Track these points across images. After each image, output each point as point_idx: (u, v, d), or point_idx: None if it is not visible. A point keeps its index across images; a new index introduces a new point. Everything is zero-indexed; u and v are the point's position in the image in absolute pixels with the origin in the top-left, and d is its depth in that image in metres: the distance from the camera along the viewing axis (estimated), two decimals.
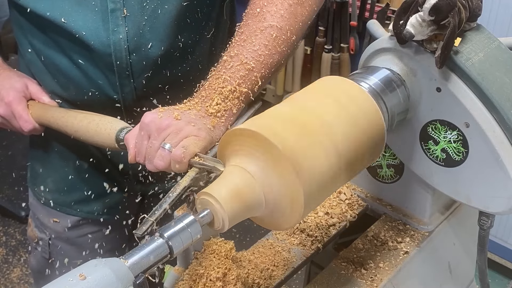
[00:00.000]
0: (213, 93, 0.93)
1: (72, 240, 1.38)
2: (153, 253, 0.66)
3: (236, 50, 0.96)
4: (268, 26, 0.97)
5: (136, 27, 1.07)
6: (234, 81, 0.94)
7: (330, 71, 2.61)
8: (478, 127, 0.84)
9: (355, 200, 1.12)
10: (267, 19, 0.98)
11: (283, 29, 0.98)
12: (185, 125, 0.88)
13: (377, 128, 0.81)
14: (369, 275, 0.96)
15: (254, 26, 0.98)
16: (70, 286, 0.59)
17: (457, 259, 1.16)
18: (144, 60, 1.10)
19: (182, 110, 0.92)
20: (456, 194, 0.94)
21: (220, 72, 0.95)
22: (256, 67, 0.95)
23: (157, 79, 1.14)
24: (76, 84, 1.15)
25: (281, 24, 0.98)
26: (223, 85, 0.94)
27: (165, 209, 0.79)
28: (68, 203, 1.34)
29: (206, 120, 0.92)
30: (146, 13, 1.07)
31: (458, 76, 0.84)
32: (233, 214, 0.70)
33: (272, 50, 0.97)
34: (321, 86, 0.84)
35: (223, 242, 0.80)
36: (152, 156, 0.89)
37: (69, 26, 1.07)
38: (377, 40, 0.94)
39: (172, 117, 0.89)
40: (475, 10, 0.84)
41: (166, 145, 0.87)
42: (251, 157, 0.71)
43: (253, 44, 0.96)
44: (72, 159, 1.29)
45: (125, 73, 1.11)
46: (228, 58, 0.96)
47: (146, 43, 1.09)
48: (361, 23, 2.43)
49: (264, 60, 0.96)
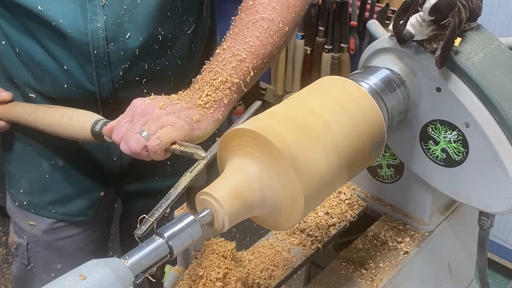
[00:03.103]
0: (204, 85, 0.96)
1: (50, 244, 1.34)
2: (153, 253, 0.66)
3: (229, 43, 0.99)
4: (260, 19, 1.00)
5: (115, 16, 1.06)
6: (226, 72, 0.96)
7: (330, 71, 2.61)
8: (478, 127, 0.84)
9: (355, 200, 1.12)
10: (259, 12, 1.00)
11: (275, 20, 1.00)
12: (165, 115, 0.92)
13: (377, 128, 0.81)
14: (369, 275, 0.96)
15: (247, 19, 1.01)
16: (70, 286, 0.59)
17: (457, 259, 1.16)
18: (122, 51, 1.08)
19: (171, 100, 0.95)
20: (456, 194, 0.94)
21: (212, 65, 0.98)
22: (247, 57, 0.97)
23: (135, 71, 1.12)
24: (52, 76, 1.13)
25: (273, 15, 1.00)
26: (214, 77, 0.96)
27: (165, 209, 0.79)
28: (43, 205, 1.29)
29: (191, 111, 0.95)
30: (125, 2, 1.06)
31: (458, 76, 0.84)
32: (233, 214, 0.70)
33: (264, 41, 0.99)
34: (321, 86, 0.84)
35: (224, 242, 0.80)
36: (129, 138, 0.93)
37: (46, 14, 1.04)
38: (377, 40, 0.94)
39: (157, 106, 0.93)
40: (475, 10, 0.84)
41: (143, 132, 0.91)
42: (251, 157, 0.71)
43: (245, 36, 0.99)
44: (45, 158, 1.26)
45: (102, 63, 1.08)
46: (220, 51, 0.99)
47: (125, 33, 1.07)
48: (361, 23, 2.43)
49: (256, 51, 0.98)
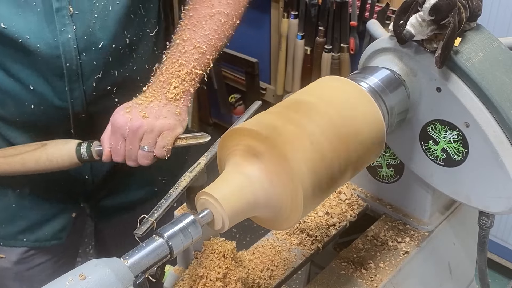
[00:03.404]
0: (171, 78, 1.01)
1: (21, 275, 1.30)
2: (153, 253, 0.66)
3: (188, 34, 1.04)
4: (217, 13, 1.06)
5: (86, 25, 1.03)
6: (190, 64, 1.02)
7: (330, 71, 2.60)
8: (478, 127, 0.84)
9: (355, 200, 1.12)
10: (215, 6, 1.06)
11: (229, 15, 1.07)
12: (155, 121, 0.97)
13: (377, 128, 0.81)
14: (369, 275, 0.96)
15: (203, 12, 1.06)
16: (70, 286, 0.59)
17: (457, 259, 1.16)
18: (94, 60, 1.06)
19: (146, 105, 0.99)
20: (456, 194, 0.94)
21: (175, 56, 1.02)
22: (208, 50, 1.04)
23: (107, 80, 1.10)
24: (15, 98, 1.07)
25: (228, 10, 1.07)
26: (179, 68, 1.01)
27: (165, 209, 0.79)
28: (13, 234, 1.25)
29: (170, 107, 1.00)
30: (96, 11, 1.03)
31: (458, 76, 0.84)
32: (233, 213, 0.70)
33: (221, 35, 1.06)
34: (320, 86, 0.84)
35: (224, 242, 0.80)
36: (134, 157, 0.99)
37: (10, 31, 0.99)
38: (377, 40, 0.94)
39: (140, 116, 0.97)
40: (475, 10, 0.84)
41: (145, 147, 0.98)
42: (251, 156, 0.71)
43: (204, 29, 1.04)
44: (10, 188, 1.21)
45: (75, 75, 1.05)
46: (181, 41, 1.03)
47: (97, 41, 1.05)
48: (361, 23, 2.43)
49: (215, 44, 1.05)
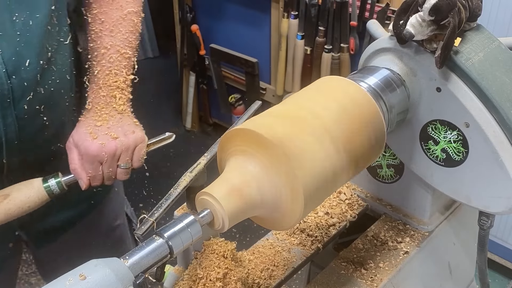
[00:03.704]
0: (111, 90, 1.03)
1: None
2: (153, 253, 0.66)
3: (109, 41, 1.05)
4: (128, 13, 1.07)
5: (12, 46, 0.96)
6: (123, 72, 1.04)
7: (330, 71, 2.60)
8: (478, 127, 0.84)
9: (355, 200, 1.12)
10: (124, 6, 1.08)
11: (138, 11, 1.10)
12: (125, 139, 1.01)
13: (377, 128, 0.81)
14: (369, 275, 0.96)
15: (115, 15, 1.07)
16: (70, 286, 0.59)
17: (457, 259, 1.16)
18: (25, 81, 0.99)
19: (107, 125, 1.02)
20: (456, 194, 0.94)
21: (106, 67, 1.04)
22: (132, 53, 1.07)
23: (36, 99, 1.03)
24: None
25: (136, 8, 1.09)
26: (115, 79, 1.04)
27: (165, 209, 0.79)
28: None
29: (127, 120, 1.04)
30: (17, 27, 0.96)
31: (458, 76, 0.84)
32: (233, 213, 0.70)
33: (137, 33, 1.09)
34: (320, 86, 0.84)
35: (224, 242, 0.80)
36: (113, 176, 1.03)
37: None
38: (377, 40, 0.94)
39: (111, 138, 1.00)
40: (475, 10, 0.84)
41: (122, 165, 1.03)
42: (250, 156, 0.71)
43: (122, 33, 1.06)
44: None
45: (6, 101, 0.98)
46: (105, 50, 1.05)
47: (23, 60, 0.98)
48: (361, 23, 2.42)
49: (135, 45, 1.09)
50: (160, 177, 3.07)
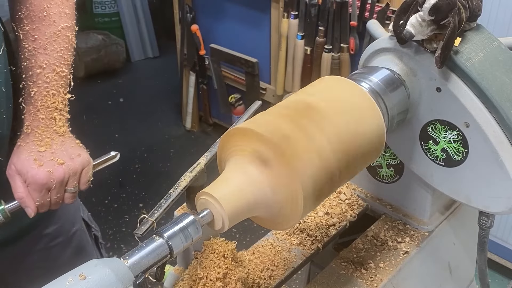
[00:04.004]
0: (50, 112, 0.99)
1: None
2: (153, 253, 0.66)
3: (44, 59, 1.00)
4: (62, 29, 1.02)
5: None
6: (60, 92, 1.00)
7: (330, 71, 2.60)
8: (478, 127, 0.84)
9: (355, 200, 1.12)
10: (57, 22, 1.02)
11: (71, 26, 1.05)
12: (72, 163, 0.99)
13: (377, 128, 0.81)
14: (369, 275, 0.96)
15: (48, 31, 1.01)
16: (70, 286, 0.59)
17: (457, 259, 1.16)
18: None
19: (51, 150, 0.98)
20: (456, 194, 0.94)
21: (43, 87, 0.99)
22: (68, 71, 1.02)
23: None
24: None
25: (70, 22, 1.04)
26: (53, 99, 0.99)
27: (165, 209, 0.79)
28: None
29: (70, 143, 1.01)
30: None
31: (458, 76, 0.84)
32: (233, 214, 0.70)
33: (71, 49, 1.04)
34: (320, 85, 0.84)
35: (224, 242, 0.80)
36: (61, 201, 1.00)
37: None
38: (377, 40, 0.94)
39: (56, 164, 0.97)
40: (475, 10, 0.84)
41: (69, 189, 1.00)
42: (250, 156, 0.71)
43: (56, 51, 1.01)
44: None
45: None
46: (40, 70, 0.99)
47: None
48: (361, 23, 2.42)
49: (70, 62, 1.04)
50: (160, 177, 3.07)
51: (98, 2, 4.27)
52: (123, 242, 2.64)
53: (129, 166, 3.17)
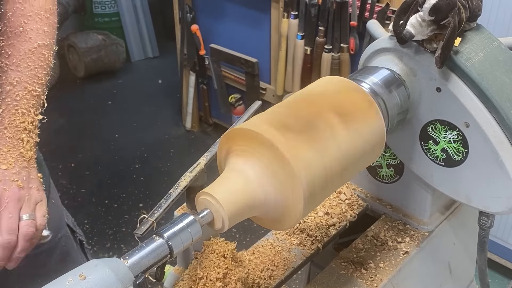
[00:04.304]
0: (18, 132, 0.94)
1: None
2: (153, 253, 0.66)
3: (16, 77, 0.96)
4: (38, 46, 0.99)
5: None
6: (31, 112, 0.96)
7: (330, 71, 2.60)
8: (478, 127, 0.84)
9: (355, 200, 1.12)
10: (34, 39, 0.99)
11: (49, 44, 1.01)
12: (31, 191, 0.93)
13: (377, 128, 0.81)
14: (369, 275, 0.96)
15: (23, 48, 0.98)
16: (70, 286, 0.59)
17: (457, 259, 1.16)
18: None
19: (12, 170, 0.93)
20: (456, 194, 0.94)
21: (12, 106, 0.95)
22: (41, 90, 0.98)
23: None
24: None
25: (47, 40, 1.00)
26: (22, 119, 0.95)
27: (165, 209, 0.79)
28: None
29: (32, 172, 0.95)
30: None
31: (458, 76, 0.84)
32: (233, 214, 0.70)
33: (47, 68, 1.00)
34: (320, 86, 0.84)
35: (224, 242, 0.80)
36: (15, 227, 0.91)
37: None
38: (377, 40, 0.94)
39: (15, 185, 0.91)
40: (475, 10, 0.84)
41: (25, 217, 0.91)
42: (250, 156, 0.71)
43: (30, 69, 0.97)
44: None
45: None
46: (11, 87, 0.96)
47: None
48: (361, 23, 2.42)
49: (44, 81, 0.99)
50: (160, 177, 3.07)
51: (98, 2, 4.27)
52: (123, 242, 2.64)
53: (129, 166, 3.17)
